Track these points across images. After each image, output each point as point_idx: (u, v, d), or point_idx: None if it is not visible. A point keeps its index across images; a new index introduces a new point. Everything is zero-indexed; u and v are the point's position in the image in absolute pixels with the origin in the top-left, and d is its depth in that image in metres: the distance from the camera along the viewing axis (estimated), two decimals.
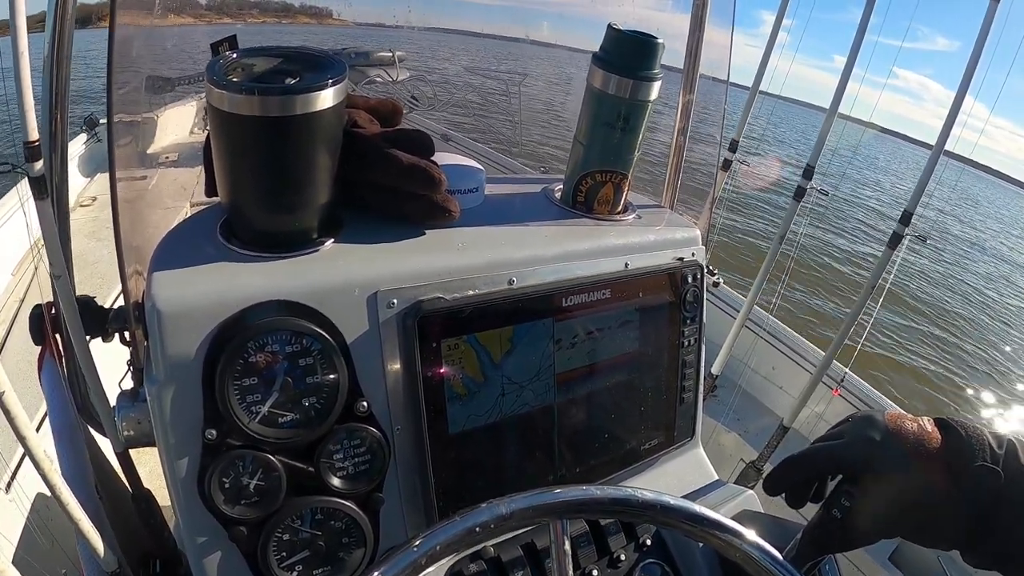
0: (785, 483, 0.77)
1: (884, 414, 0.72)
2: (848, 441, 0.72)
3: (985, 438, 0.66)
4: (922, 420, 0.70)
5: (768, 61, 3.15)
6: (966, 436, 0.66)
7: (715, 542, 0.63)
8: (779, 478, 0.77)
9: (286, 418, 0.72)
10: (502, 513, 0.58)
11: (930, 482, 0.66)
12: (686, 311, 1.04)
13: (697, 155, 1.37)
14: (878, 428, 0.70)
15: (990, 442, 0.66)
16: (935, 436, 0.68)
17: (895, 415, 0.71)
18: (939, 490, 0.66)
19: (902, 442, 0.68)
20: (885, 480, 0.68)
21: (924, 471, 0.66)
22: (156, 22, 0.90)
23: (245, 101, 0.65)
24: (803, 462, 0.74)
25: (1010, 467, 0.64)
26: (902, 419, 0.70)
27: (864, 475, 0.69)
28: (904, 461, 0.67)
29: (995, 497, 0.64)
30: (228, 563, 0.74)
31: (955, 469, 0.65)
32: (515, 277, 0.85)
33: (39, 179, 0.82)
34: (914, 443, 0.67)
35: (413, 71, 3.31)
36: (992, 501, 0.64)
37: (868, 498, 0.69)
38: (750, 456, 2.89)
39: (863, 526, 0.70)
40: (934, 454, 0.66)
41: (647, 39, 0.93)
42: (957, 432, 0.67)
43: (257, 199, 0.74)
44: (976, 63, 2.26)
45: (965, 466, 0.65)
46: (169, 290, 0.67)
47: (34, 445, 0.70)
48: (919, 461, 0.67)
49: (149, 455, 0.82)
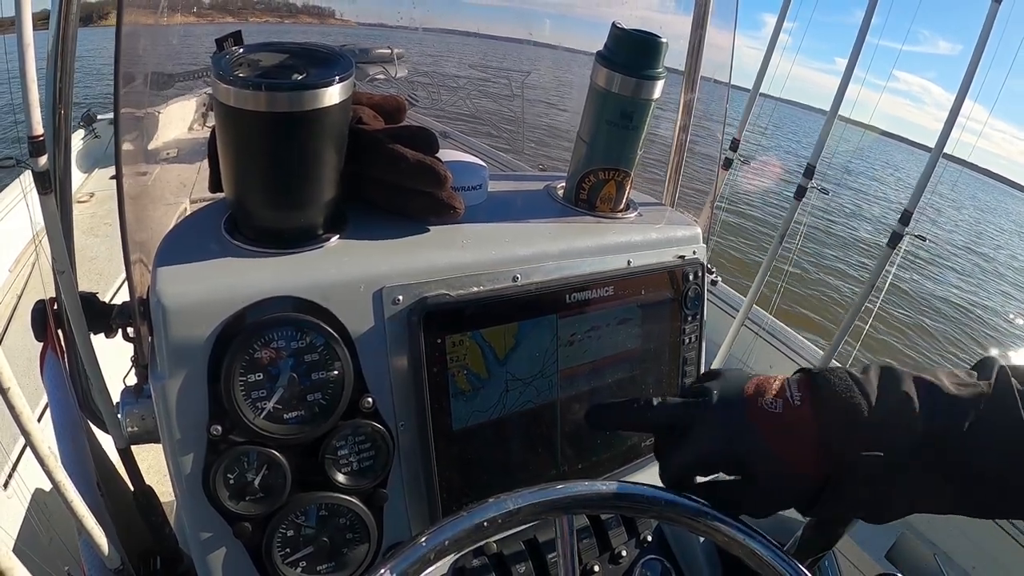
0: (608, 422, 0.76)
1: (748, 383, 0.68)
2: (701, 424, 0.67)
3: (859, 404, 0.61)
4: (790, 394, 0.65)
5: (769, 63, 3.16)
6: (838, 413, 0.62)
7: (719, 537, 0.63)
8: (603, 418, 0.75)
9: (291, 414, 0.72)
10: (510, 508, 0.59)
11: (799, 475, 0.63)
12: (687, 308, 1.05)
13: (698, 153, 1.37)
14: (739, 411, 0.66)
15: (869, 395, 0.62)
16: (806, 417, 0.63)
17: (754, 393, 0.66)
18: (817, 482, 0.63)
19: (763, 434, 0.64)
20: (750, 471, 0.65)
21: (793, 466, 0.63)
22: (160, 20, 0.90)
23: (252, 97, 0.65)
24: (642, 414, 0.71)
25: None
26: (765, 390, 0.66)
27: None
28: (768, 458, 0.63)
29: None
30: (232, 559, 0.74)
31: (833, 454, 0.62)
32: (519, 274, 0.85)
33: (43, 174, 0.81)
34: (780, 431, 0.64)
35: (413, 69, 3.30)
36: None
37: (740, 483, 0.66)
38: None
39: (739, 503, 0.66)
40: (807, 440, 0.63)
41: (651, 38, 0.94)
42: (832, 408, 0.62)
43: (263, 195, 0.74)
44: (976, 65, 2.27)
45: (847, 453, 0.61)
46: (174, 285, 0.67)
47: (38, 441, 0.70)
48: (785, 451, 0.63)
49: (149, 452, 0.82)
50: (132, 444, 0.83)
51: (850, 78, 2.65)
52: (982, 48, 2.26)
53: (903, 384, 0.62)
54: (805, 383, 0.66)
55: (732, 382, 0.69)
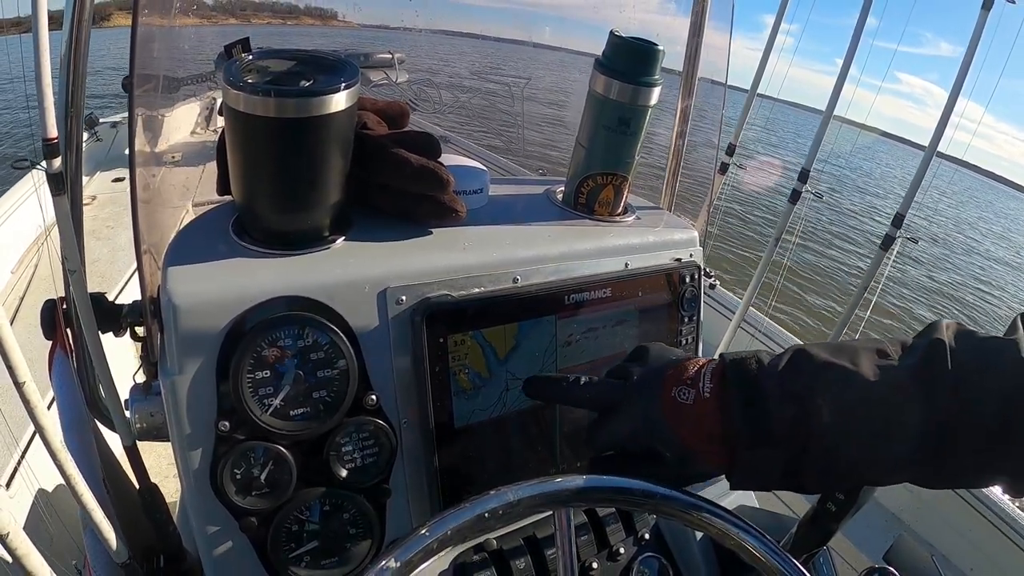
0: (540, 394, 0.81)
1: (663, 382, 0.70)
2: (619, 409, 0.72)
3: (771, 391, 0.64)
4: (702, 385, 0.68)
5: (766, 64, 3.18)
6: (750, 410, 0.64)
7: (714, 532, 0.65)
8: (537, 388, 0.81)
9: (297, 411, 0.74)
10: (510, 500, 0.60)
11: (706, 463, 0.68)
12: (683, 310, 1.06)
13: (694, 159, 1.39)
14: (655, 397, 0.69)
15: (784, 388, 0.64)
16: (712, 414, 0.66)
17: (671, 380, 0.70)
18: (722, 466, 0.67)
19: (671, 425, 0.68)
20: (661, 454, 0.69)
21: (697, 453, 0.67)
22: (164, 22, 0.91)
23: (261, 102, 0.67)
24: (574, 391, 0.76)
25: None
26: (680, 381, 0.69)
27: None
28: (676, 446, 0.68)
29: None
30: (238, 553, 0.76)
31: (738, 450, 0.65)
32: (519, 276, 0.87)
33: (57, 176, 0.83)
34: (687, 425, 0.67)
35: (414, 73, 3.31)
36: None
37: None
38: None
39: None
40: (715, 435, 0.66)
41: (648, 46, 0.95)
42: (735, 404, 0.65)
43: (271, 198, 0.75)
44: (968, 67, 2.29)
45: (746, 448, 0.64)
46: (185, 285, 0.69)
47: (51, 435, 0.72)
48: (692, 447, 0.67)
49: (152, 451, 0.83)
50: (139, 441, 0.84)
51: (845, 79, 2.66)
52: (972, 53, 2.28)
53: (808, 377, 0.64)
54: (719, 373, 0.68)
55: (655, 364, 0.74)
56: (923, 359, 0.61)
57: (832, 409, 0.61)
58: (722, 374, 0.68)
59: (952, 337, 0.61)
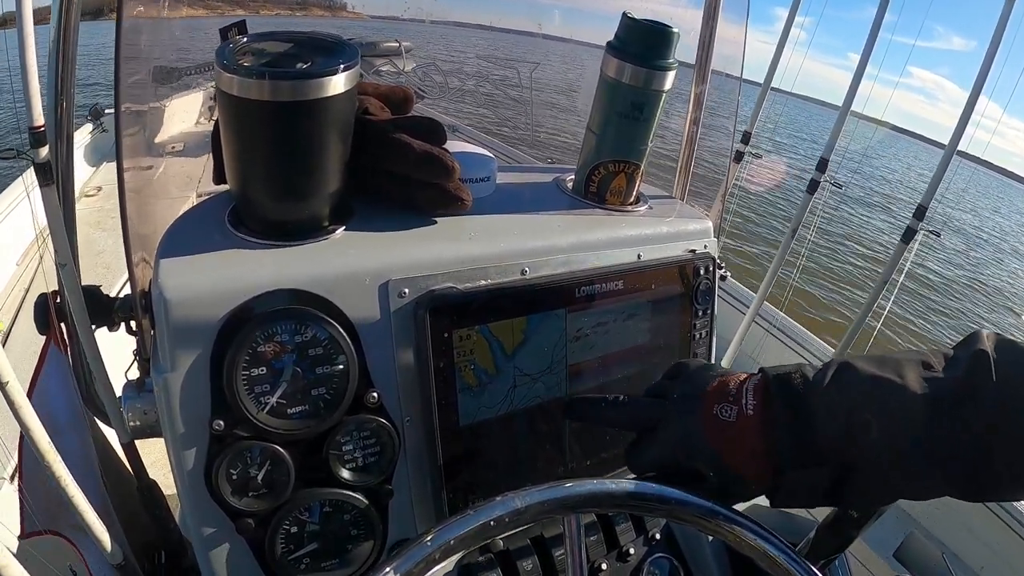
0: (580, 417, 0.80)
1: (703, 399, 0.68)
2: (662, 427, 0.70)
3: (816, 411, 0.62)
4: (745, 402, 0.66)
5: (780, 56, 3.14)
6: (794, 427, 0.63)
7: (730, 537, 0.62)
8: (579, 411, 0.80)
9: (295, 409, 0.71)
10: (517, 507, 0.57)
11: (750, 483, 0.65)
12: (698, 303, 1.03)
13: (709, 146, 1.36)
14: (696, 416, 0.67)
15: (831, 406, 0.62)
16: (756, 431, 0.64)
17: (713, 397, 0.68)
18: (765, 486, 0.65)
19: (713, 443, 0.65)
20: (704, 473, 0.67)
21: (741, 473, 0.65)
22: (169, 12, 0.89)
23: (256, 85, 0.64)
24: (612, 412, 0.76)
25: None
26: (722, 398, 0.67)
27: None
28: (719, 465, 0.65)
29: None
30: (235, 555, 0.74)
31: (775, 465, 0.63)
32: (528, 267, 0.84)
33: (44, 165, 0.81)
34: (730, 444, 0.65)
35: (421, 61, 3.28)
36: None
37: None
38: None
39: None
40: (759, 452, 0.64)
41: (662, 28, 0.92)
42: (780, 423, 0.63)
43: (267, 186, 0.72)
44: (991, 62, 2.24)
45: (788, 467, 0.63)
46: (177, 278, 0.66)
47: (38, 437, 0.69)
48: (736, 460, 0.65)
49: (153, 445, 0.81)
50: (135, 438, 0.82)
51: (863, 73, 2.62)
52: (996, 45, 2.23)
53: (855, 391, 0.61)
54: (761, 388, 0.66)
55: (696, 381, 0.72)
56: (967, 371, 0.59)
57: (880, 424, 0.59)
58: (765, 389, 0.66)
59: (994, 348, 0.59)
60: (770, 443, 0.63)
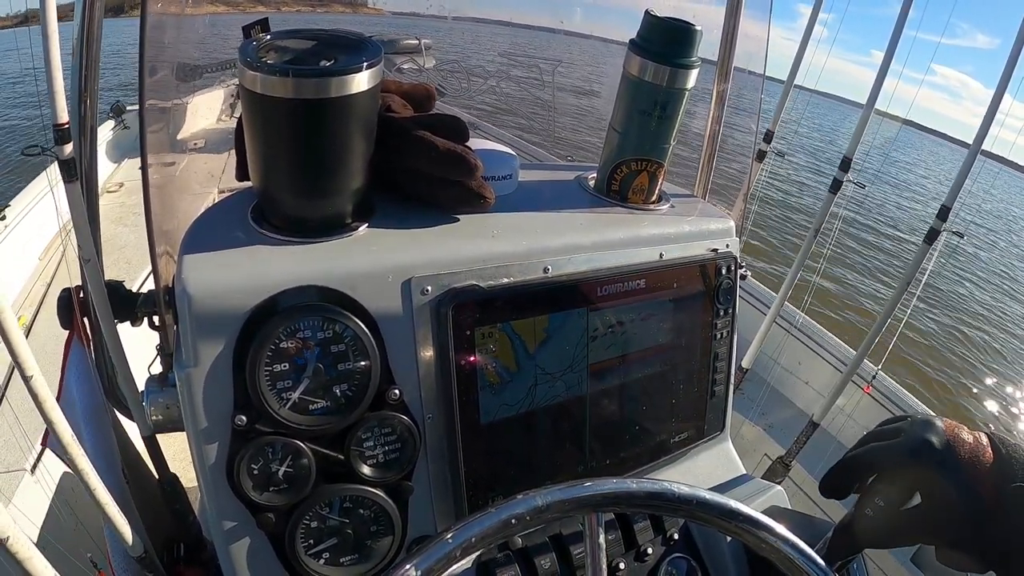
0: (847, 482, 0.75)
1: (942, 420, 0.70)
2: (908, 443, 0.69)
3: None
4: (978, 434, 0.68)
5: (804, 54, 3.10)
6: (1012, 456, 0.64)
7: (750, 539, 0.62)
8: (841, 477, 0.75)
9: (317, 405, 0.71)
10: (538, 505, 0.57)
11: (978, 497, 0.64)
12: (719, 303, 1.03)
13: (731, 145, 1.34)
14: (938, 433, 0.68)
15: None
16: (988, 452, 0.66)
17: (952, 424, 0.69)
18: (985, 508, 0.64)
19: (958, 452, 0.66)
20: (939, 487, 0.66)
21: (975, 484, 0.65)
22: (192, 10, 0.89)
23: (279, 83, 0.64)
24: (864, 460, 0.73)
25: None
26: (959, 429, 0.68)
27: (916, 478, 0.68)
28: (958, 472, 0.65)
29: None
30: (255, 550, 0.74)
31: (1000, 488, 0.64)
32: (550, 265, 0.84)
33: (68, 162, 0.81)
34: (969, 456, 0.66)
35: (442, 59, 3.29)
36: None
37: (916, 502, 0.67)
38: (772, 450, 2.86)
39: (904, 528, 0.69)
40: (986, 471, 0.65)
41: (685, 26, 0.91)
42: (1007, 451, 0.65)
43: (290, 183, 0.73)
44: (1016, 60, 2.20)
45: (1007, 485, 0.63)
46: (200, 273, 0.67)
47: (61, 429, 0.70)
48: (972, 474, 0.65)
49: (174, 439, 0.82)
50: (157, 433, 0.82)
51: (887, 71, 2.58)
52: (1021, 43, 2.19)
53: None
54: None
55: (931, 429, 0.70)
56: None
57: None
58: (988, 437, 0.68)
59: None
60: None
